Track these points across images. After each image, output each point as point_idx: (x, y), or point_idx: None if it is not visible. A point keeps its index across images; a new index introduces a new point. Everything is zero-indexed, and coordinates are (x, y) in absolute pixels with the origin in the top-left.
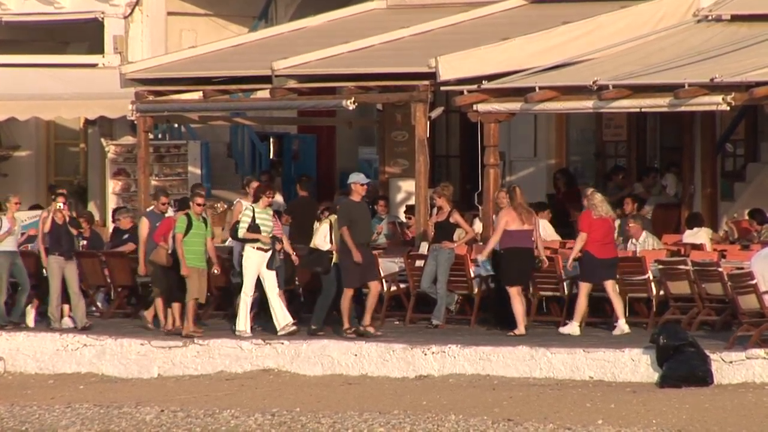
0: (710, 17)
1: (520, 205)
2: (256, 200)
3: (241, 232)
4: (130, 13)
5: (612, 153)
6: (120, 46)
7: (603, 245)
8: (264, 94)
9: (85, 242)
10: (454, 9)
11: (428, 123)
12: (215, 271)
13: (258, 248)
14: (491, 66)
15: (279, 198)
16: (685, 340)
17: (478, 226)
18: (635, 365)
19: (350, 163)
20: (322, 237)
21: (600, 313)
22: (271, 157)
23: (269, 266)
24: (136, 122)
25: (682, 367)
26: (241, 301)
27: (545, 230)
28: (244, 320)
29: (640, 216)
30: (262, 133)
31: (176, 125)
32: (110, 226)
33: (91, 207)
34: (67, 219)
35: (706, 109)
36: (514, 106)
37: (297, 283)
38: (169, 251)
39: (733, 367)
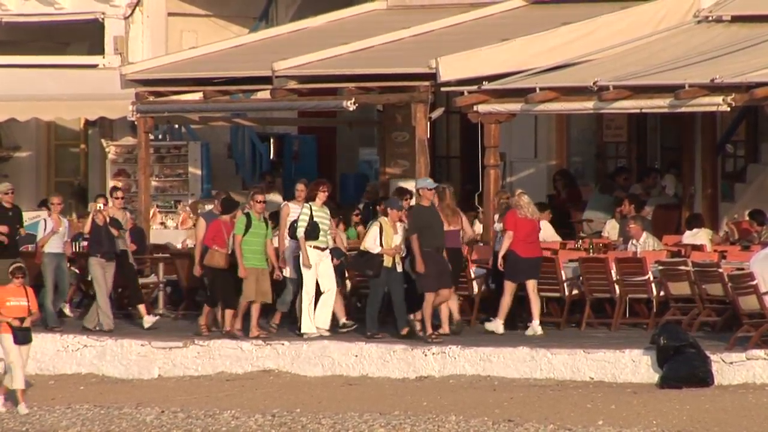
0: (711, 18)
1: (448, 206)
2: (311, 198)
3: (300, 232)
4: (131, 14)
5: (612, 154)
6: (120, 46)
7: (527, 244)
8: (264, 94)
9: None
10: (454, 10)
11: (429, 124)
12: (277, 277)
13: (315, 247)
14: (492, 67)
15: (279, 198)
16: (685, 341)
17: (478, 227)
18: (636, 366)
19: (350, 164)
20: (372, 239)
21: (601, 314)
22: (271, 157)
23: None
24: (136, 123)
25: (683, 368)
26: (303, 301)
27: (545, 231)
28: (305, 321)
29: (641, 217)
30: (263, 134)
31: (177, 126)
32: None
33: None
34: (108, 220)
35: (706, 110)
36: (515, 106)
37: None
38: (228, 252)
39: (733, 368)
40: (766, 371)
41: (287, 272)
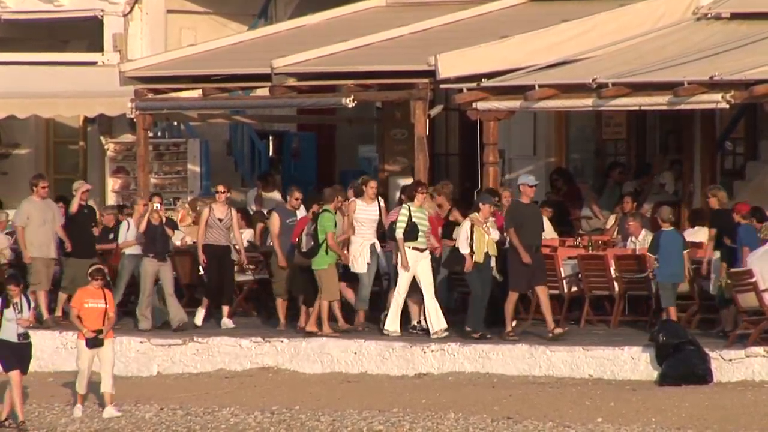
0: (710, 15)
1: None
2: (410, 198)
3: (399, 233)
4: (130, 11)
5: (612, 151)
6: (119, 44)
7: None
8: (263, 92)
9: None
10: (453, 7)
11: (428, 121)
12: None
13: (414, 248)
14: (491, 64)
15: (278, 196)
16: (684, 338)
17: None
18: (635, 363)
19: (350, 161)
20: (463, 240)
21: (600, 311)
22: (270, 155)
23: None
24: (135, 120)
25: (682, 366)
26: (393, 300)
27: (545, 228)
28: (392, 319)
29: (640, 214)
30: (262, 131)
31: (176, 123)
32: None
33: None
34: (164, 220)
35: (705, 107)
36: (514, 104)
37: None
38: (303, 250)
39: (732, 365)
40: (765, 368)
41: (359, 267)
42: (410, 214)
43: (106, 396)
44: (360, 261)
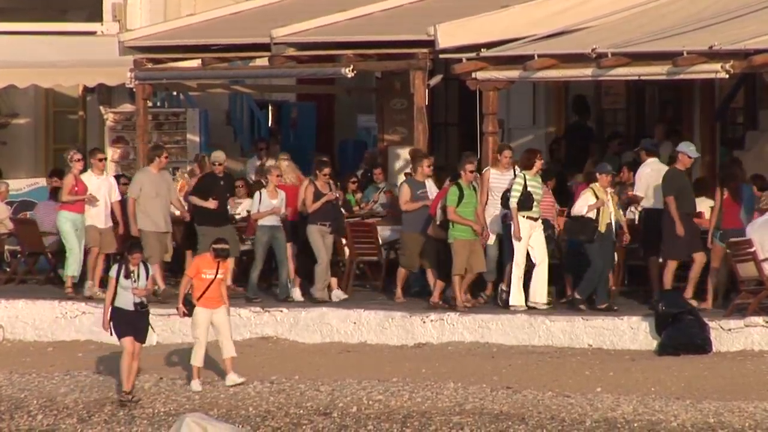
0: None
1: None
2: (527, 167)
3: (513, 202)
4: None
5: (611, 121)
6: (119, 13)
7: (294, 210)
8: (263, 61)
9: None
10: None
11: (427, 91)
12: (486, 241)
13: (528, 217)
14: (490, 34)
15: None
16: (684, 308)
17: None
18: (634, 333)
19: (349, 131)
20: (583, 206)
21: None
22: (269, 124)
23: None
24: (134, 90)
25: (681, 335)
26: (513, 273)
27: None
28: (515, 294)
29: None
30: (261, 101)
31: (175, 93)
32: None
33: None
34: (341, 201)
35: (704, 77)
36: (513, 73)
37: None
38: (438, 223)
39: (731, 335)
40: (765, 338)
41: (489, 239)
42: (525, 182)
43: (228, 362)
44: (489, 233)
